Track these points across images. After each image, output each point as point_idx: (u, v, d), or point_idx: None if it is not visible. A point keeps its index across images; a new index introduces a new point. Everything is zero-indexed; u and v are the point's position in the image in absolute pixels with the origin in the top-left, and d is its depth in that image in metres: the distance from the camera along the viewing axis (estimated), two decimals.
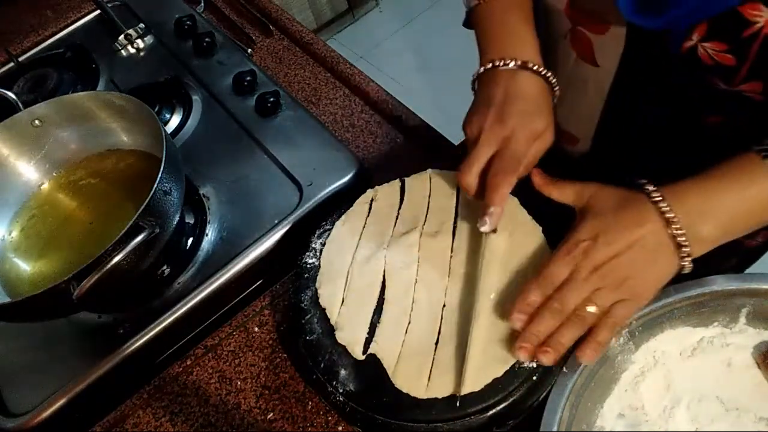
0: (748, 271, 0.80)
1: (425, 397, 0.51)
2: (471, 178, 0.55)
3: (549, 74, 0.58)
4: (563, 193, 0.54)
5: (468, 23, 0.64)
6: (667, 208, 0.47)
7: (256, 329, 0.66)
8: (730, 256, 0.75)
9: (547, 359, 0.48)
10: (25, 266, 0.70)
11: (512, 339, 0.52)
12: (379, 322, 0.56)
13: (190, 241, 0.73)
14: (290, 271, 0.65)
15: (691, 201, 0.48)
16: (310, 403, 0.60)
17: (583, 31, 0.59)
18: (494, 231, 0.56)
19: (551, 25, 0.63)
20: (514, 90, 0.56)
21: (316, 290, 0.60)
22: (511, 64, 0.56)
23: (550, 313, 0.49)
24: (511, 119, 0.55)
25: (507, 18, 0.59)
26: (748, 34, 0.46)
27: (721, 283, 0.52)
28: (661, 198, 0.48)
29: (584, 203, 0.52)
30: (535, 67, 0.57)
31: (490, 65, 0.57)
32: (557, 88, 0.59)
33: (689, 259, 0.48)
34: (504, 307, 0.54)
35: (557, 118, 0.72)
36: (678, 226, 0.47)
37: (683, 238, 0.47)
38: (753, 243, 0.73)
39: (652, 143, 0.66)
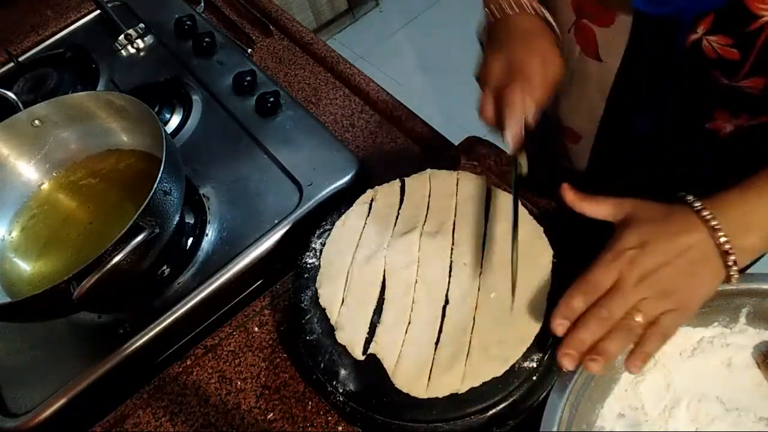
0: (747, 271, 0.80)
1: (425, 397, 0.51)
2: (488, 107, 0.56)
3: (546, 14, 0.60)
4: (599, 209, 0.52)
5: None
6: (712, 217, 0.47)
7: (256, 329, 0.66)
8: None
9: (596, 367, 0.45)
10: (25, 266, 0.70)
11: (512, 339, 0.52)
12: (379, 322, 0.56)
13: (190, 241, 0.73)
14: (290, 271, 0.65)
15: (733, 212, 0.47)
16: (310, 403, 0.60)
17: (587, 24, 0.59)
18: (519, 155, 0.55)
19: (556, 19, 0.63)
20: (520, 29, 0.59)
21: (316, 290, 0.60)
22: (508, 11, 0.60)
23: (597, 320, 0.46)
24: (517, 53, 0.57)
25: None
26: (754, 28, 0.46)
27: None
28: (704, 207, 0.47)
29: (624, 216, 0.51)
30: (533, 12, 0.60)
31: (492, 19, 0.61)
32: (556, 28, 0.61)
33: (736, 268, 0.47)
34: (504, 306, 0.54)
35: (560, 114, 0.71)
36: (723, 233, 0.46)
37: (729, 246, 0.46)
38: None
39: (650, 146, 0.66)
